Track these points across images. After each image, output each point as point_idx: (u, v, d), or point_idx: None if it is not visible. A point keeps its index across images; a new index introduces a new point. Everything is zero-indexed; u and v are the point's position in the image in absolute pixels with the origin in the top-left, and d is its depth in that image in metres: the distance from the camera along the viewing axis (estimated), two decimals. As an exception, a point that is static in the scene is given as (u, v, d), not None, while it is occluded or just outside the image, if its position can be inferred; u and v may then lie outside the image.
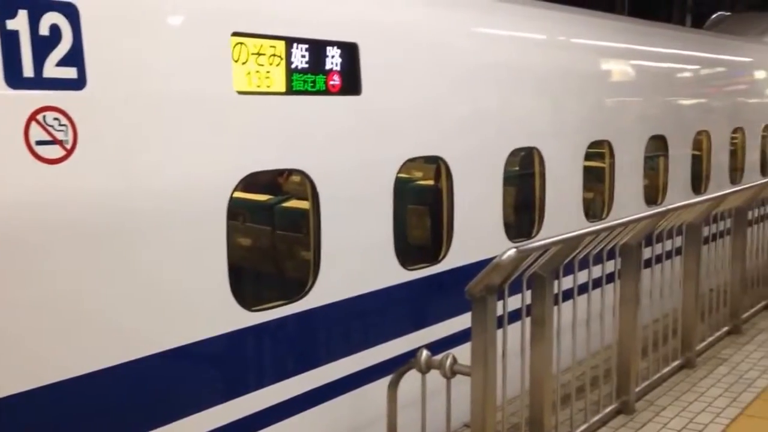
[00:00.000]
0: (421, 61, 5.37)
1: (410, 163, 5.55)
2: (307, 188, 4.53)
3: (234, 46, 4.09)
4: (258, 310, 4.26)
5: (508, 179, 6.11)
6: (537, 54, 6.80)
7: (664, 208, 5.32)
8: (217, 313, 4.05)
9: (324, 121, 4.60)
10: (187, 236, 3.91)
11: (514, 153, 6.19)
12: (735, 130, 10.14)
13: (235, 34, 4.11)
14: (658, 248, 5.56)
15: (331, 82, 4.60)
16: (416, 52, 5.33)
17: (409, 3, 5.52)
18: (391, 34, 5.15)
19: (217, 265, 4.02)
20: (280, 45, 4.30)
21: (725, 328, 6.57)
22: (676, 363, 5.79)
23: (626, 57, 8.22)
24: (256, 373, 4.31)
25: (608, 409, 5.00)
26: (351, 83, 4.71)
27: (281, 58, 4.31)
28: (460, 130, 5.64)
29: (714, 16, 17.34)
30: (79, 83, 3.45)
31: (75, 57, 3.42)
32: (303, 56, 4.41)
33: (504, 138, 6.06)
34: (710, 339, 6.32)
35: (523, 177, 6.59)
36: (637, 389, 5.25)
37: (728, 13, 17.74)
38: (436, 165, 5.57)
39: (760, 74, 11.71)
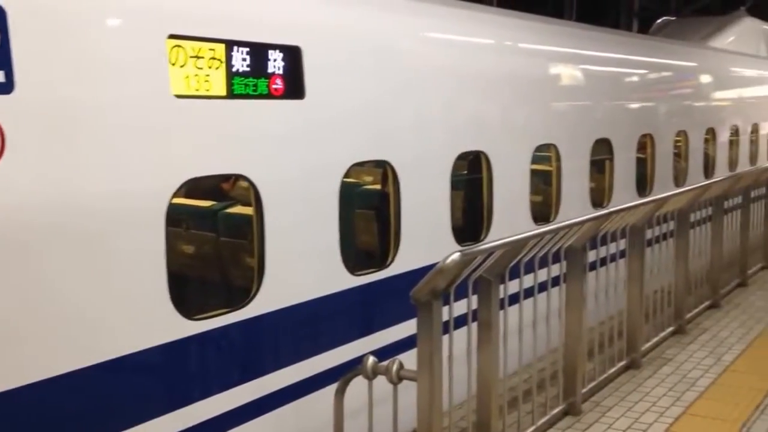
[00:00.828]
0: (367, 65, 5.35)
1: (358, 168, 5.52)
2: (251, 194, 4.47)
3: (171, 49, 4.02)
4: (199, 319, 4.18)
5: (456, 183, 6.12)
6: (484, 58, 6.84)
7: (606, 211, 5.38)
8: (156, 322, 3.97)
9: (267, 126, 4.55)
10: (123, 243, 3.82)
11: (462, 157, 6.20)
12: (678, 133, 10.34)
13: (171, 36, 4.03)
14: (607, 250, 5.63)
15: (274, 86, 4.55)
16: (362, 56, 5.31)
17: (354, 6, 5.50)
18: (336, 38, 5.12)
19: (156, 272, 3.94)
20: (220, 48, 4.24)
21: (670, 329, 6.67)
22: (621, 364, 5.85)
23: (572, 61, 8.32)
24: (198, 383, 4.23)
25: (555, 411, 5.03)
26: (294, 87, 4.66)
27: (221, 62, 4.24)
28: (406, 134, 5.64)
29: (659, 20, 17.69)
30: (7, 87, 3.35)
31: (2, 60, 3.32)
32: (244, 59, 4.35)
33: (451, 142, 6.07)
34: (655, 339, 6.40)
35: (471, 181, 6.61)
36: (584, 390, 5.29)
37: (673, 18, 18.12)
38: (383, 169, 5.56)
39: (703, 78, 11.97)
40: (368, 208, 5.91)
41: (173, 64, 4.02)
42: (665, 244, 6.72)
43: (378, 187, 5.77)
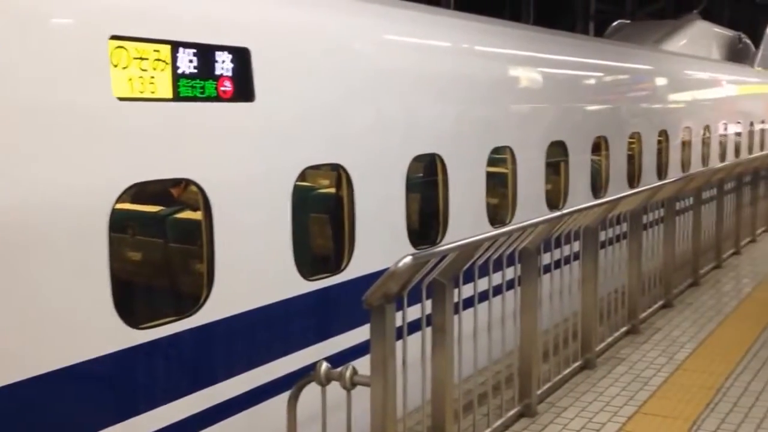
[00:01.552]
0: (320, 67, 5.31)
1: (313, 171, 5.48)
2: (199, 198, 4.40)
3: (113, 50, 3.94)
4: (146, 328, 4.10)
5: (411, 186, 6.11)
6: (439, 61, 6.85)
7: (560, 213, 5.42)
8: (99, 332, 3.88)
9: (215, 129, 4.49)
10: (64, 251, 3.73)
11: (417, 159, 6.20)
12: (632, 135, 10.48)
13: (113, 37, 3.95)
14: (564, 251, 5.66)
15: (222, 88, 4.49)
16: (314, 58, 5.27)
17: (306, 7, 5.46)
18: (287, 39, 5.08)
19: (98, 280, 3.85)
20: (165, 49, 4.16)
21: (624, 329, 6.74)
22: (576, 364, 5.90)
23: (528, 64, 8.38)
24: (144, 394, 4.15)
25: (511, 413, 5.04)
26: (243, 89, 4.60)
27: (166, 63, 4.17)
28: (360, 137, 5.62)
29: (614, 23, 17.95)
30: None
31: None
32: (190, 61, 4.29)
33: (406, 145, 6.07)
34: (609, 339, 6.47)
35: (426, 183, 6.61)
36: (539, 392, 5.32)
37: (628, 21, 18.40)
38: (337, 173, 5.53)
39: (656, 81, 12.15)
40: (323, 212, 5.87)
41: (115, 66, 3.94)
42: (618, 246, 6.79)
43: (333, 190, 5.73)
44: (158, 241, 4.84)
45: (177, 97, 4.23)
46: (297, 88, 5.07)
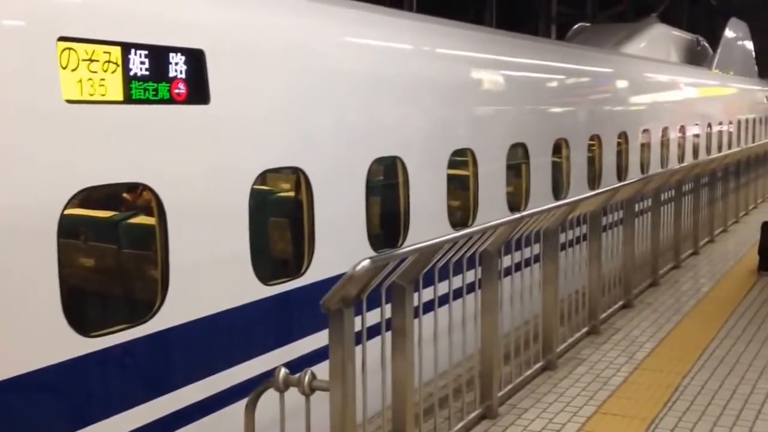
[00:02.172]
0: (278, 69, 5.27)
1: (272, 174, 5.43)
2: (153, 203, 4.33)
3: (61, 52, 3.86)
4: (97, 335, 4.02)
5: (372, 189, 6.09)
6: (400, 63, 6.85)
7: (519, 215, 5.44)
8: (48, 341, 3.79)
9: (169, 132, 4.42)
10: (11, 256, 3.64)
11: (377, 162, 6.18)
12: (592, 137, 10.58)
13: (62, 39, 3.87)
14: (522, 255, 5.68)
15: (176, 91, 4.42)
16: (272, 60, 5.22)
17: (263, 9, 5.41)
18: (244, 41, 5.03)
19: (47, 288, 3.76)
20: (116, 51, 4.09)
21: (584, 329, 6.79)
22: (538, 366, 5.92)
23: (489, 67, 8.42)
24: (97, 403, 4.06)
25: (472, 416, 5.04)
26: (198, 91, 4.55)
27: (117, 65, 4.09)
28: (320, 140, 5.58)
29: (575, 26, 18.14)
30: None
31: None
32: (142, 63, 4.22)
33: (366, 148, 6.05)
34: (571, 340, 6.51)
35: (387, 186, 6.60)
36: (501, 393, 5.33)
37: (588, 24, 18.61)
38: (296, 176, 5.49)
39: (615, 83, 12.30)
40: (282, 216, 5.82)
41: (64, 68, 3.85)
42: (579, 247, 6.84)
43: (292, 194, 5.69)
44: (111, 246, 4.76)
45: (128, 100, 4.16)
46: (254, 90, 5.02)
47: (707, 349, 6.41)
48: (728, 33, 22.05)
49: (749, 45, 24.85)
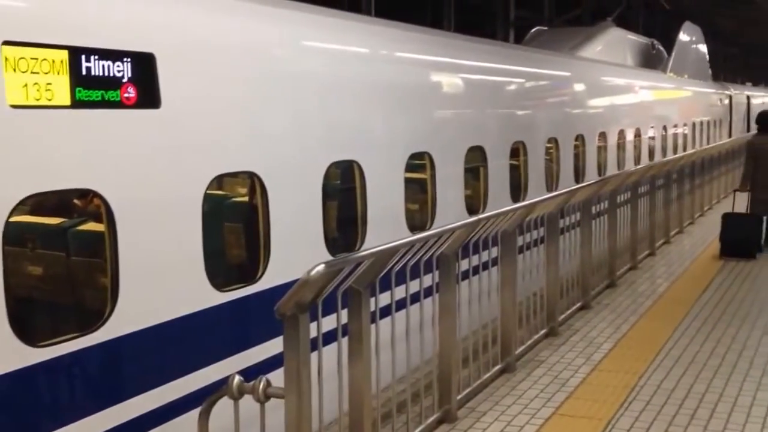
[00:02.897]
0: (232, 74, 5.20)
1: (226, 179, 5.36)
2: (102, 209, 4.24)
3: (6, 56, 3.75)
4: (45, 345, 3.92)
5: (329, 193, 6.04)
6: (356, 67, 6.82)
7: (476, 218, 5.44)
8: None
9: (118, 137, 4.34)
10: None
11: (334, 166, 6.14)
12: (550, 140, 10.65)
13: (7, 42, 3.77)
14: (480, 259, 5.68)
15: (125, 95, 4.34)
16: (225, 64, 5.16)
17: (215, 13, 5.34)
18: (195, 45, 4.96)
19: None
20: (63, 55, 4.00)
21: (543, 331, 6.81)
22: (496, 368, 5.92)
23: (446, 71, 8.43)
24: (45, 414, 3.96)
25: (430, 420, 5.02)
26: (148, 96, 4.47)
27: (65, 69, 4.01)
28: (275, 144, 5.52)
29: (533, 30, 18.28)
30: None
31: None
32: (91, 67, 4.13)
33: (322, 152, 6.00)
34: (529, 342, 6.52)
35: (344, 190, 6.56)
36: (459, 397, 5.31)
37: (546, 28, 18.78)
38: (251, 180, 5.42)
39: (572, 86, 12.41)
40: (236, 221, 5.75)
41: (9, 72, 3.75)
42: (536, 250, 6.87)
43: (246, 198, 5.62)
44: (59, 254, 4.65)
45: (76, 104, 4.07)
46: (207, 94, 4.95)
47: (663, 348, 6.47)
48: (682, 37, 22.42)
49: (703, 48, 25.30)
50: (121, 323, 4.27)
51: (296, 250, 5.57)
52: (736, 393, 5.49)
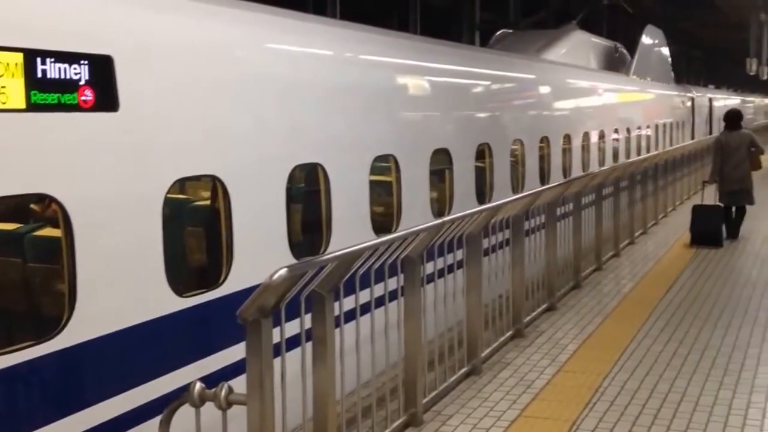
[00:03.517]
0: (193, 76, 5.13)
1: (187, 183, 5.28)
2: (59, 215, 4.15)
3: None
4: (1, 354, 3.82)
5: (292, 196, 5.99)
6: (320, 69, 6.77)
7: (440, 220, 5.42)
8: None
9: (75, 140, 4.25)
10: None
11: (298, 169, 6.09)
12: (515, 142, 10.70)
13: None
14: (448, 259, 5.67)
15: (83, 98, 4.26)
16: (186, 66, 5.09)
17: (176, 14, 5.27)
18: (155, 47, 4.88)
19: None
20: (17, 57, 3.91)
21: (509, 333, 6.82)
22: (462, 371, 5.91)
23: (411, 73, 8.42)
24: (2, 424, 3.86)
25: (396, 424, 4.99)
26: (106, 99, 4.39)
27: (19, 72, 3.91)
28: (237, 147, 5.46)
29: (498, 33, 18.38)
30: None
31: None
32: (47, 69, 4.04)
33: (286, 154, 5.95)
34: (495, 345, 6.52)
35: (308, 194, 6.52)
36: (425, 400, 5.29)
37: (511, 31, 18.89)
38: (213, 184, 5.35)
39: (537, 89, 12.48)
40: (198, 225, 5.67)
41: None
42: (502, 252, 6.88)
43: (208, 202, 5.55)
44: (15, 260, 4.54)
45: (31, 107, 3.98)
46: (167, 97, 4.88)
47: (627, 349, 6.52)
48: (645, 40, 22.69)
49: (665, 51, 25.64)
50: (78, 331, 4.18)
51: (260, 254, 5.51)
52: (699, 392, 5.54)
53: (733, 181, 11.30)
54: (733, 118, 11.73)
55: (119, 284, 4.45)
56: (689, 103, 25.47)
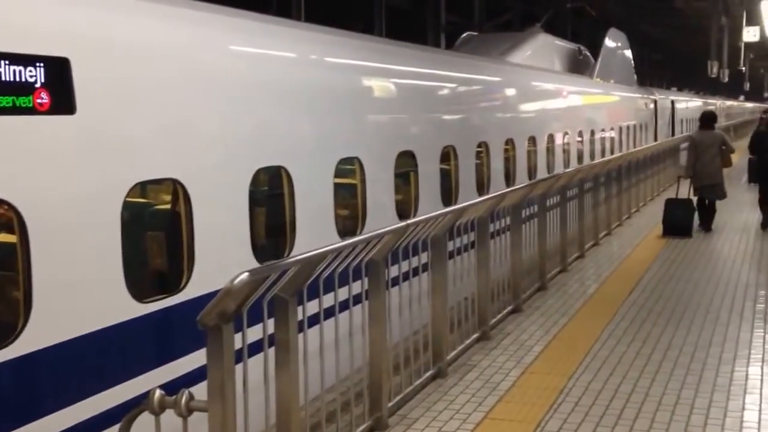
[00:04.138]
0: (153, 78, 5.05)
1: (147, 186, 5.20)
2: (14, 219, 4.05)
3: None
4: None
5: (256, 200, 5.93)
6: (284, 72, 6.72)
7: (405, 223, 5.40)
8: None
9: (30, 144, 4.16)
10: None
11: (261, 172, 6.03)
12: (480, 144, 10.72)
13: None
14: (413, 262, 5.64)
15: (38, 101, 4.17)
16: (145, 68, 5.00)
17: (136, 15, 5.18)
18: (113, 49, 4.80)
19: None
20: None
21: (475, 335, 6.81)
22: (428, 374, 5.89)
23: (376, 76, 8.39)
24: None
25: (361, 428, 4.95)
26: (62, 101, 4.30)
27: None
28: (198, 150, 5.39)
29: (463, 35, 18.44)
30: None
31: None
32: (1, 72, 3.96)
33: (248, 157, 5.89)
34: (461, 347, 6.51)
35: (272, 197, 6.46)
36: (391, 404, 5.26)
37: (476, 33, 18.97)
38: (173, 187, 5.27)
39: (501, 91, 12.53)
40: (158, 229, 5.59)
41: None
42: (467, 255, 6.87)
43: (169, 206, 5.46)
44: None
45: None
46: (125, 100, 4.80)
47: (591, 350, 6.55)
48: (608, 42, 22.92)
49: (628, 54, 25.94)
50: (34, 338, 4.08)
51: (221, 258, 5.44)
52: (661, 392, 5.58)
53: (705, 177, 12.33)
54: (707, 118, 12.81)
55: (77, 290, 4.36)
56: (652, 106, 25.78)
